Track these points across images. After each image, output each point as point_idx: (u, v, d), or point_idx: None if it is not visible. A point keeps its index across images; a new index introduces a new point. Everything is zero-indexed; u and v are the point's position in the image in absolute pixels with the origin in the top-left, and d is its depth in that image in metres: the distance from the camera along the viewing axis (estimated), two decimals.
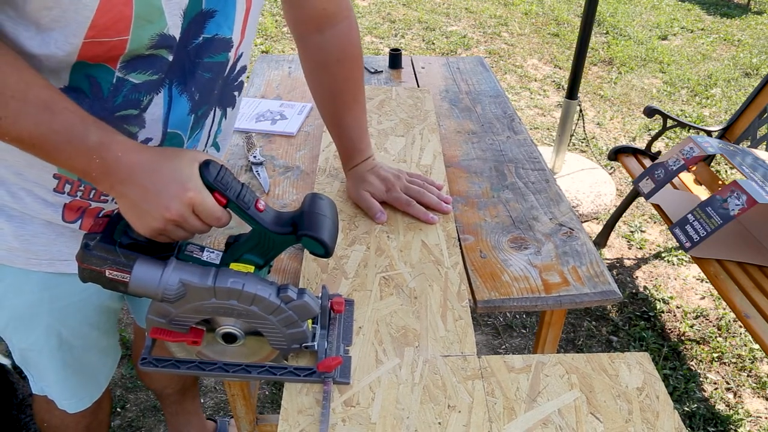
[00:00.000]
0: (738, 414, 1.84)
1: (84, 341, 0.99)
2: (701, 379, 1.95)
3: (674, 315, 2.22)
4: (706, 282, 2.37)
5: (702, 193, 2.11)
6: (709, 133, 2.35)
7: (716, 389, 1.92)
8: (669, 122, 2.36)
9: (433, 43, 4.55)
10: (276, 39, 4.47)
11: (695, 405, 1.85)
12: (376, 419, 0.70)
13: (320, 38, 0.98)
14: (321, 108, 1.06)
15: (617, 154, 2.39)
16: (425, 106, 1.44)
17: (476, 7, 5.46)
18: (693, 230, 1.69)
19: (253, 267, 0.71)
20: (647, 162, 2.29)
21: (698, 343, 2.09)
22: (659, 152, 2.36)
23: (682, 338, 2.11)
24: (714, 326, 2.18)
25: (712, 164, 2.53)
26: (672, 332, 2.14)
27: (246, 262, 0.71)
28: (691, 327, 2.16)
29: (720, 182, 2.16)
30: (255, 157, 1.23)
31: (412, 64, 1.79)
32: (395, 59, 1.75)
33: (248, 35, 0.82)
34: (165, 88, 0.73)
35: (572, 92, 2.62)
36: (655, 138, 2.35)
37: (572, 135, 2.88)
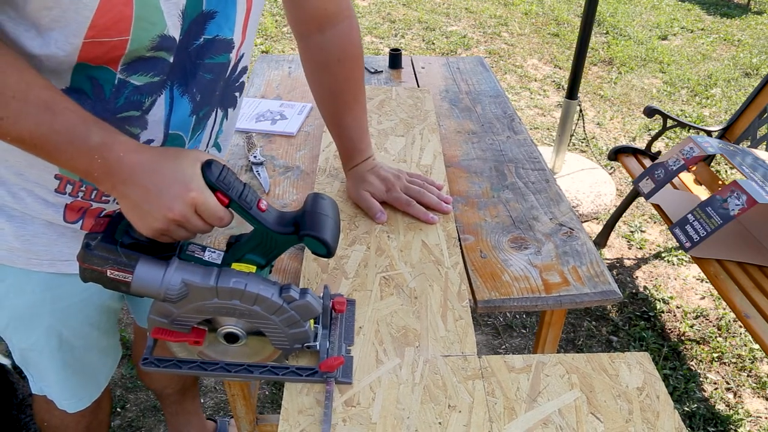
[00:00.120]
0: (738, 414, 1.84)
1: (85, 341, 0.99)
2: (701, 379, 1.95)
3: (674, 315, 2.22)
4: (706, 282, 2.38)
5: (702, 193, 2.11)
6: (709, 133, 2.35)
7: (716, 389, 1.92)
8: (669, 122, 2.36)
9: (433, 43, 4.55)
10: (276, 39, 4.47)
11: (695, 405, 1.85)
12: (377, 419, 0.70)
13: (321, 38, 0.98)
14: (321, 108, 1.06)
15: (617, 154, 2.39)
16: (425, 106, 1.44)
17: (476, 7, 5.46)
18: (693, 230, 1.69)
19: (255, 267, 0.71)
20: (647, 162, 2.29)
21: (698, 343, 2.09)
22: (659, 152, 2.36)
23: (682, 338, 2.11)
24: (714, 326, 2.18)
25: (712, 164, 2.53)
26: (672, 332, 2.14)
27: (248, 262, 0.71)
28: (691, 327, 2.16)
29: (720, 182, 2.16)
30: (255, 157, 1.23)
31: (412, 64, 1.79)
32: (395, 59, 1.75)
33: (249, 36, 0.82)
34: (166, 90, 0.73)
35: (572, 92, 2.62)
36: (655, 138, 2.35)
37: (572, 135, 2.88)
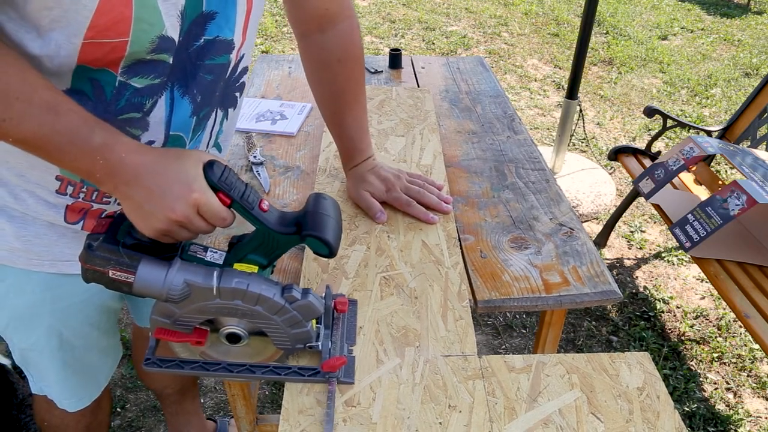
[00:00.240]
0: (738, 414, 1.84)
1: (85, 341, 1.00)
2: (701, 379, 1.95)
3: (674, 315, 2.22)
4: (706, 282, 2.38)
5: (702, 193, 2.11)
6: (709, 133, 2.35)
7: (716, 389, 1.92)
8: (669, 122, 2.36)
9: (433, 43, 4.55)
10: (276, 39, 4.47)
11: (695, 405, 1.85)
12: (377, 419, 0.70)
13: (322, 38, 0.98)
14: (322, 107, 1.06)
15: (617, 154, 2.39)
16: (425, 106, 1.44)
17: (476, 7, 5.46)
18: (693, 230, 1.69)
19: (257, 267, 0.71)
20: (647, 162, 2.29)
21: (698, 343, 2.09)
22: (659, 152, 2.36)
23: (682, 338, 2.11)
24: (714, 326, 2.18)
25: (712, 164, 2.53)
26: (672, 332, 2.14)
27: (250, 263, 0.71)
28: (691, 327, 2.16)
29: (720, 182, 2.16)
30: (255, 157, 1.23)
31: (412, 64, 1.79)
32: (395, 59, 1.75)
33: (249, 37, 0.82)
34: (167, 91, 0.73)
35: (572, 92, 2.62)
36: (655, 138, 2.35)
37: (572, 135, 2.88)
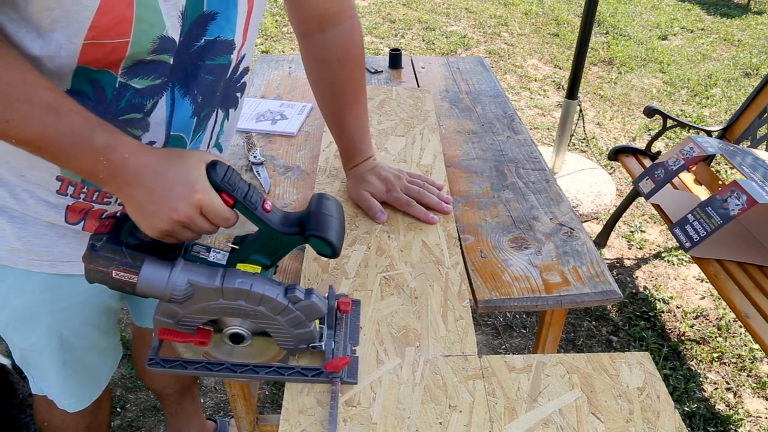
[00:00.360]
0: (738, 414, 1.84)
1: (85, 341, 1.00)
2: (701, 379, 1.95)
3: (674, 315, 2.22)
4: (706, 282, 2.38)
5: (702, 193, 2.11)
6: (709, 133, 2.35)
7: (716, 389, 1.92)
8: (669, 122, 2.36)
9: (433, 43, 4.55)
10: (276, 39, 4.47)
11: (695, 405, 1.85)
12: (377, 419, 0.70)
13: (322, 37, 0.98)
14: (322, 107, 1.06)
15: (617, 154, 2.39)
16: (425, 106, 1.44)
17: (476, 7, 5.46)
18: (693, 230, 1.69)
19: (260, 267, 0.71)
20: (647, 162, 2.29)
21: (698, 343, 2.09)
22: (659, 152, 2.36)
23: (682, 338, 2.11)
24: (714, 326, 2.18)
25: (712, 164, 2.53)
26: (672, 332, 2.14)
27: (253, 263, 0.71)
28: (691, 327, 2.16)
29: (720, 182, 2.16)
30: (255, 157, 1.23)
31: (412, 64, 1.79)
32: (395, 59, 1.75)
33: (250, 37, 0.82)
34: (168, 92, 0.73)
35: (572, 92, 2.62)
36: (655, 138, 2.35)
37: (572, 135, 2.88)
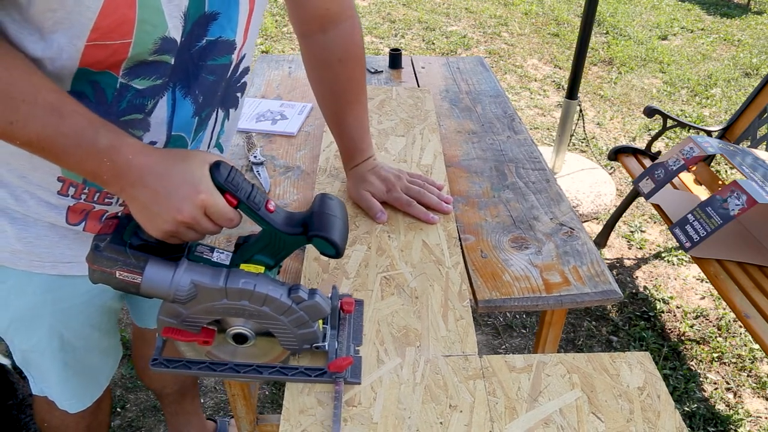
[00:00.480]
0: (738, 414, 1.84)
1: (86, 342, 1.00)
2: (701, 379, 1.95)
3: (674, 315, 2.22)
4: (706, 282, 2.38)
5: (702, 193, 2.11)
6: (709, 133, 2.35)
7: (716, 389, 1.92)
8: (669, 122, 2.36)
9: (433, 43, 4.55)
10: (276, 39, 4.47)
11: (695, 405, 1.86)
12: (378, 419, 0.70)
13: (323, 37, 0.98)
14: (323, 107, 1.06)
15: (617, 154, 2.39)
16: (425, 106, 1.44)
17: (476, 7, 5.46)
18: (693, 230, 1.69)
19: (264, 267, 0.71)
20: (647, 162, 2.29)
21: (698, 343, 2.09)
22: (659, 152, 2.36)
23: (682, 338, 2.11)
24: (714, 326, 2.18)
25: (712, 164, 2.53)
26: (672, 332, 2.14)
27: (256, 263, 0.71)
28: (691, 327, 2.16)
29: (720, 182, 2.16)
30: (255, 157, 1.23)
31: (412, 64, 1.79)
32: (395, 59, 1.75)
33: (251, 37, 0.82)
34: (169, 92, 0.73)
35: (572, 92, 2.62)
36: (655, 138, 2.35)
37: (572, 135, 2.88)
